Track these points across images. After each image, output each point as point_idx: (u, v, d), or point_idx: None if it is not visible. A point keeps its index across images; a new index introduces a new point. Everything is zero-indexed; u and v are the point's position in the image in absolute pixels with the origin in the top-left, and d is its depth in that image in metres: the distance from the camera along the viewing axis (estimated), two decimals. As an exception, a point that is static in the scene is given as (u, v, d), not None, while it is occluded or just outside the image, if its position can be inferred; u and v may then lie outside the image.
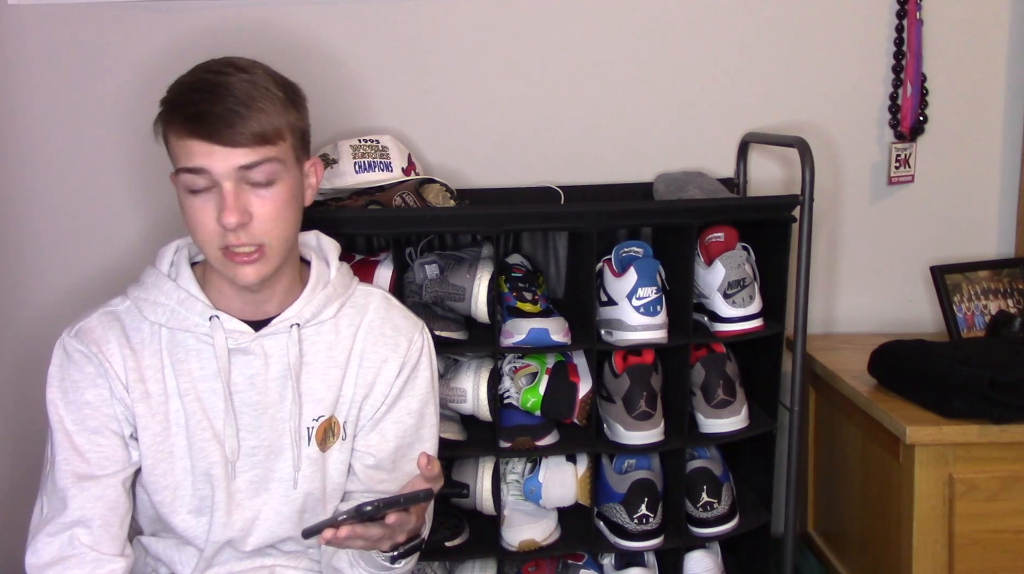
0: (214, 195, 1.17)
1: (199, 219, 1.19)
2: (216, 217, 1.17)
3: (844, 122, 2.03)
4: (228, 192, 1.16)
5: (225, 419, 1.27)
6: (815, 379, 1.95)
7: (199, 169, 1.16)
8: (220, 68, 1.19)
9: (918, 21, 1.98)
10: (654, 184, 1.94)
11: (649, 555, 1.79)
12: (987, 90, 2.05)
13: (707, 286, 1.75)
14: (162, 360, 1.27)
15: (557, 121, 1.97)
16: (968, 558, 1.59)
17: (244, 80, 1.17)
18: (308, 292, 1.30)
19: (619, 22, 1.96)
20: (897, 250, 2.08)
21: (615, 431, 1.72)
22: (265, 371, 1.28)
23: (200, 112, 1.15)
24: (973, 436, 1.56)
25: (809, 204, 1.73)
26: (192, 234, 1.22)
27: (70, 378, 1.26)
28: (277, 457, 1.30)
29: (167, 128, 1.19)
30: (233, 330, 1.26)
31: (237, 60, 1.21)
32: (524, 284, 1.76)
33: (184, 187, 1.19)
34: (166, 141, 1.20)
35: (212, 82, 1.17)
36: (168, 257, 1.31)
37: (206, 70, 1.20)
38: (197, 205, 1.18)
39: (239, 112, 1.15)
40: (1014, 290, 1.99)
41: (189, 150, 1.16)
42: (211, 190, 1.17)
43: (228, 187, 1.16)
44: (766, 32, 1.99)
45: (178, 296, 1.27)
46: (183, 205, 1.20)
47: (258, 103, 1.16)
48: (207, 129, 1.15)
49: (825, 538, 2.02)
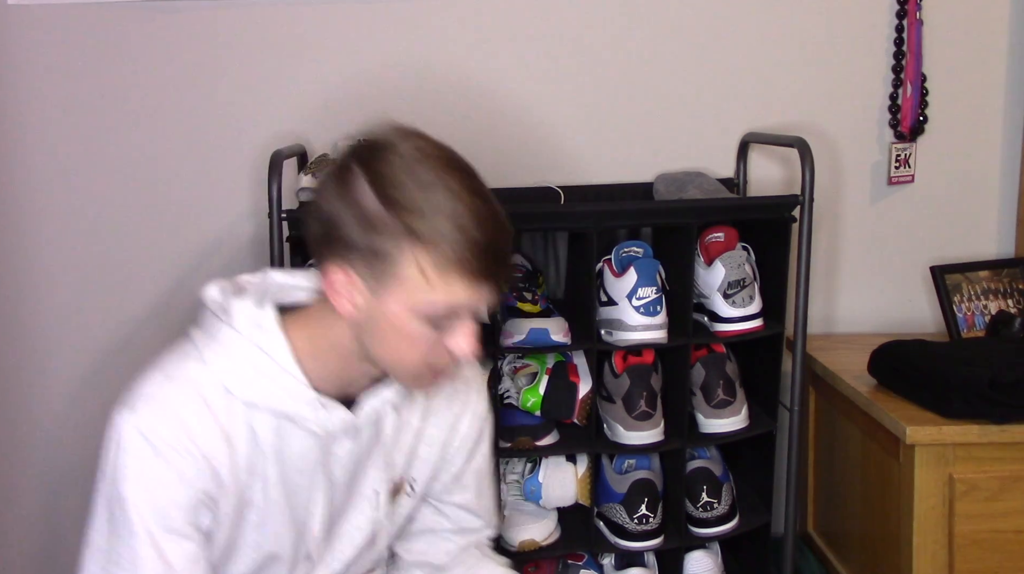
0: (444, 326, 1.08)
1: (423, 344, 1.07)
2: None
3: (844, 122, 2.03)
4: (474, 328, 1.09)
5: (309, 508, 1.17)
6: (815, 379, 1.95)
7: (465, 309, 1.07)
8: (500, 217, 1.07)
9: (918, 21, 1.98)
10: (654, 184, 1.94)
11: (649, 555, 1.79)
12: (987, 90, 2.05)
13: (707, 286, 1.75)
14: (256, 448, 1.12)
15: (557, 121, 1.97)
16: (968, 558, 1.59)
17: (510, 238, 1.09)
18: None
19: (619, 22, 1.96)
20: (897, 250, 2.08)
21: (615, 431, 1.72)
22: (358, 450, 1.19)
23: (494, 272, 1.06)
24: (973, 436, 1.55)
25: (809, 204, 1.73)
26: (394, 350, 1.08)
27: (155, 476, 1.07)
28: (344, 518, 1.24)
29: (443, 266, 1.03)
30: (339, 418, 1.14)
31: (496, 204, 1.09)
32: (524, 284, 1.76)
33: (423, 315, 1.06)
34: (418, 266, 1.03)
35: (505, 249, 1.08)
36: (244, 312, 1.12)
37: (490, 220, 1.05)
38: (431, 331, 1.07)
39: (508, 268, 1.11)
40: (1014, 290, 1.99)
41: (462, 296, 1.05)
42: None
43: (473, 322, 1.09)
44: (766, 32, 1.99)
45: (283, 382, 1.10)
46: (403, 326, 1.06)
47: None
48: (491, 288, 1.07)
49: (825, 538, 2.02)
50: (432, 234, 1.02)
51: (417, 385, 1.15)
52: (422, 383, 1.14)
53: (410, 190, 1.02)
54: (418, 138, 1.08)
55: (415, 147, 1.06)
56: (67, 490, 1.98)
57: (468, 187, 1.05)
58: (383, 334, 1.07)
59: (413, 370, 1.10)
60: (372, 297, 1.05)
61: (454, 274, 1.03)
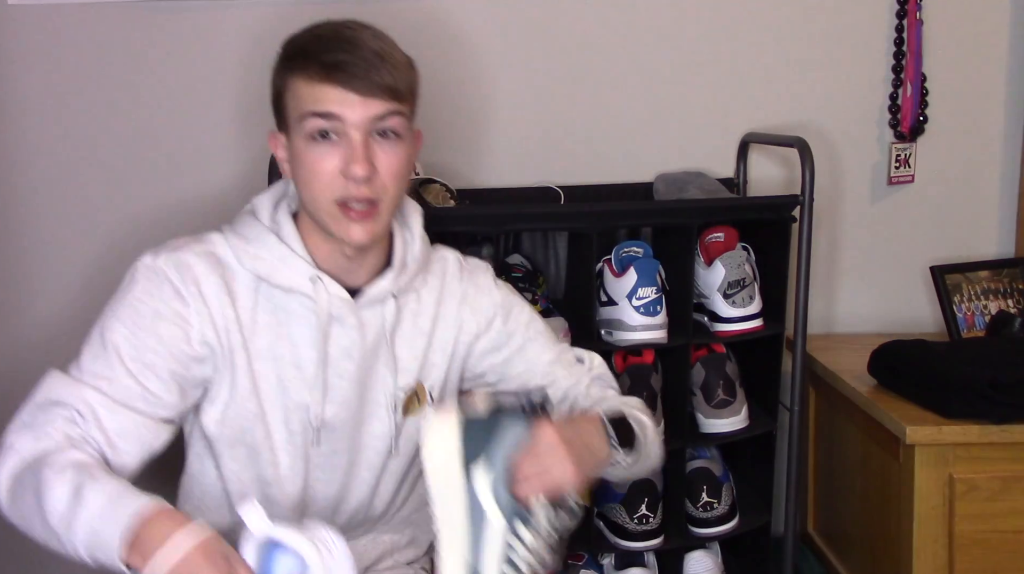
0: (340, 145, 1.15)
1: (320, 168, 1.15)
2: (340, 167, 1.15)
3: (844, 122, 2.03)
4: (358, 143, 1.14)
5: (312, 386, 1.22)
6: (815, 379, 1.95)
7: (331, 115, 1.14)
8: (350, 25, 1.18)
9: (918, 21, 1.98)
10: (654, 184, 1.94)
11: (649, 555, 1.79)
12: (987, 90, 2.05)
13: (707, 286, 1.75)
14: (263, 317, 1.21)
15: (557, 121, 1.97)
16: (968, 558, 1.59)
17: (375, 37, 1.18)
18: (399, 262, 1.27)
19: (619, 22, 1.96)
20: (897, 250, 2.08)
21: (615, 431, 1.72)
22: (362, 342, 1.24)
23: (340, 61, 1.14)
24: (973, 436, 1.56)
25: (809, 204, 1.73)
26: (306, 185, 1.18)
27: (148, 303, 1.16)
28: (361, 427, 1.28)
29: (293, 74, 1.17)
30: (335, 295, 1.21)
31: (360, 21, 1.20)
32: (524, 284, 1.76)
33: (307, 134, 1.16)
34: (287, 89, 1.18)
35: (347, 35, 1.16)
36: (267, 208, 1.25)
37: (336, 26, 1.18)
38: (320, 153, 1.15)
39: (376, 64, 1.14)
40: (1014, 290, 1.99)
41: (323, 96, 1.14)
42: (336, 141, 1.15)
43: (358, 138, 1.14)
44: (766, 32, 1.99)
45: (280, 252, 1.21)
46: (300, 155, 1.17)
47: (390, 59, 1.16)
48: (346, 77, 1.13)
49: (825, 538, 2.02)
50: (292, 52, 1.19)
51: (339, 228, 1.18)
52: (341, 224, 1.17)
53: (294, 38, 1.20)
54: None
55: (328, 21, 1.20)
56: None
57: (331, 23, 1.19)
58: (297, 176, 1.19)
59: (326, 208, 1.17)
60: (287, 142, 1.20)
61: (299, 76, 1.16)
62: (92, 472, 1.05)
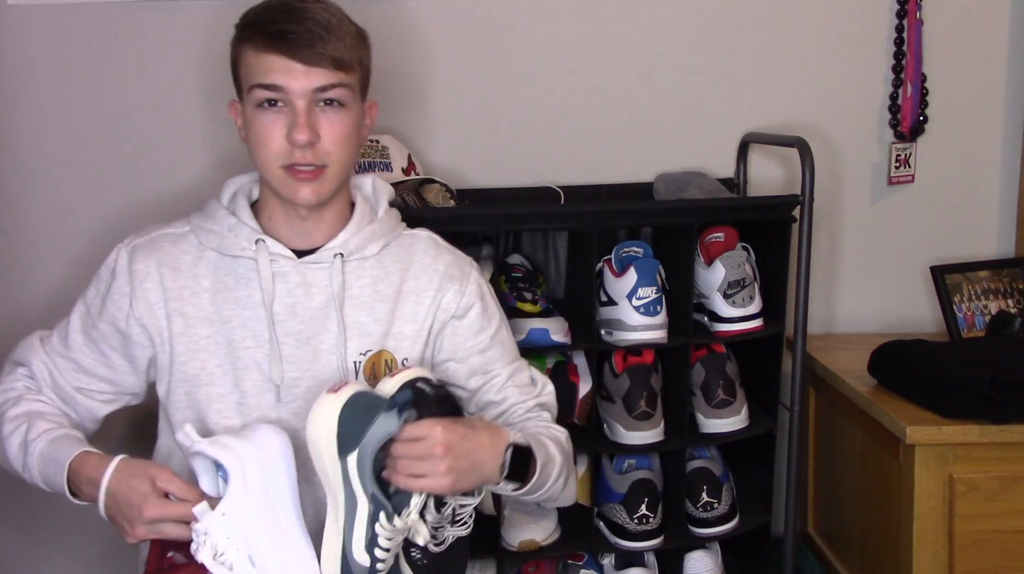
0: (285, 113, 1.22)
1: (267, 135, 1.23)
2: (285, 134, 1.22)
3: (844, 122, 2.03)
4: (301, 110, 1.21)
5: (262, 345, 1.29)
6: (815, 379, 1.95)
7: (275, 86, 1.21)
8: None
9: (918, 21, 1.98)
10: (654, 184, 1.94)
11: (649, 555, 1.79)
12: (987, 90, 2.05)
13: (707, 286, 1.75)
14: (205, 284, 1.30)
15: (557, 121, 1.97)
16: (968, 558, 1.59)
17: (323, 9, 1.24)
18: (353, 225, 1.33)
19: (619, 22, 1.96)
20: (897, 250, 2.08)
21: (615, 431, 1.72)
22: (307, 300, 1.30)
23: (283, 31, 1.20)
24: (973, 436, 1.56)
25: (809, 204, 1.73)
26: (256, 152, 1.26)
27: (104, 281, 1.33)
28: (322, 389, 1.28)
29: (244, 44, 1.24)
30: (277, 254, 1.29)
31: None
32: (524, 284, 1.76)
33: (255, 103, 1.23)
34: (240, 59, 1.26)
35: (295, 6, 1.22)
36: (230, 190, 1.37)
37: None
38: (267, 121, 1.23)
39: (320, 35, 1.21)
40: (1014, 290, 1.99)
41: (268, 66, 1.21)
42: (282, 108, 1.22)
43: (301, 106, 1.21)
44: (766, 32, 1.98)
45: (229, 223, 1.31)
46: (250, 123, 1.25)
47: (337, 30, 1.23)
48: (289, 47, 1.20)
49: (825, 538, 2.02)
50: (243, 24, 1.26)
51: (288, 190, 1.25)
52: (290, 186, 1.25)
53: (248, 11, 1.27)
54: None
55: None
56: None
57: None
58: (249, 142, 1.27)
59: (275, 172, 1.25)
60: (242, 109, 1.28)
61: (248, 46, 1.23)
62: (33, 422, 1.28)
